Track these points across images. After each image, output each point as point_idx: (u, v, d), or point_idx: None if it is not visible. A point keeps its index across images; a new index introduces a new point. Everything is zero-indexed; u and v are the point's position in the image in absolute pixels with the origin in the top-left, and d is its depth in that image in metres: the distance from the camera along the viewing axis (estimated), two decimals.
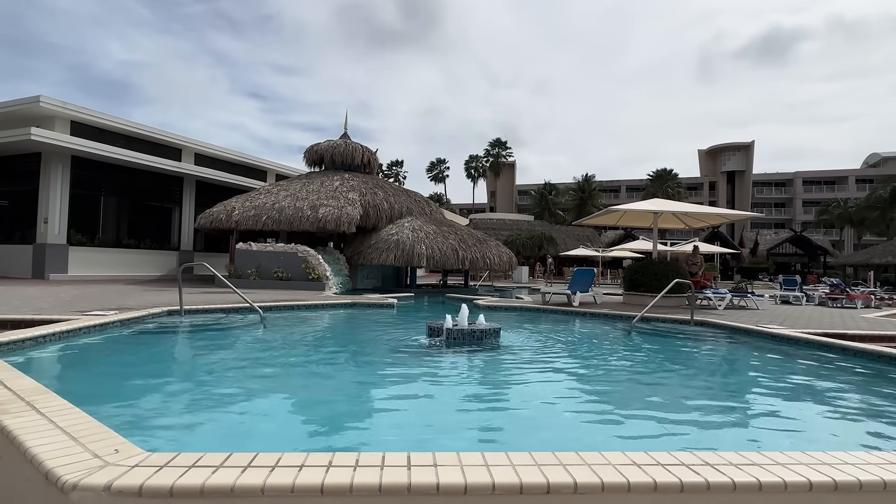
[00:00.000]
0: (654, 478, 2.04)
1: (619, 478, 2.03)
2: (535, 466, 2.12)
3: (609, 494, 2.00)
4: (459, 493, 1.95)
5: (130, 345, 6.60)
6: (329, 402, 4.53)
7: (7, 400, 2.85)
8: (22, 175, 17.22)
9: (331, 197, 17.11)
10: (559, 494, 1.98)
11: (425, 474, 2.00)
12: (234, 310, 9.08)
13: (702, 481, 2.04)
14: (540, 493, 1.97)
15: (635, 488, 2.00)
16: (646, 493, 2.01)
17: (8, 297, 9.76)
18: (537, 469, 2.09)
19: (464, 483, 1.95)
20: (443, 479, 1.96)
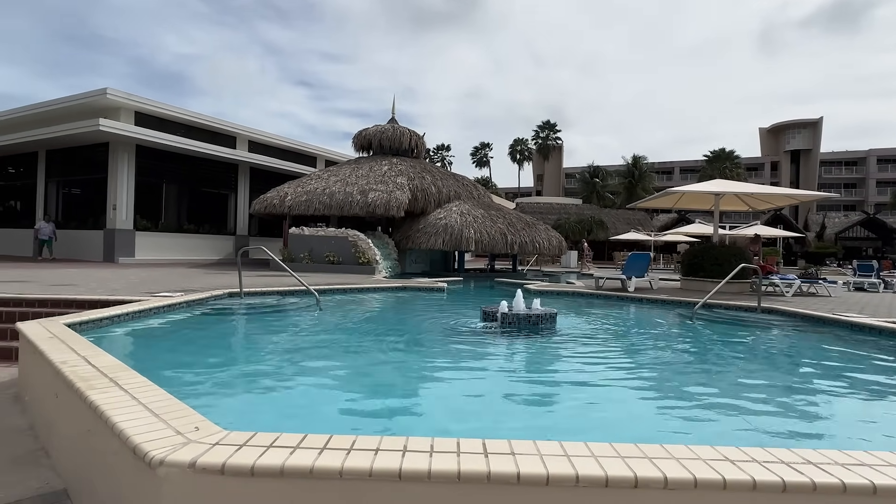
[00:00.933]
0: (753, 475, 1.89)
1: (713, 474, 1.89)
2: (618, 458, 2.01)
3: (703, 491, 1.86)
4: (541, 484, 1.87)
5: (195, 325, 6.86)
6: (386, 385, 4.55)
7: (92, 376, 2.98)
8: (92, 164, 18.22)
9: (379, 181, 17.22)
10: (648, 489, 1.86)
11: (504, 463, 1.92)
12: (289, 292, 9.30)
13: (807, 481, 1.87)
14: (627, 486, 1.87)
15: (731, 486, 1.86)
16: (743, 491, 1.87)
17: (85, 279, 10.38)
18: (621, 461, 1.98)
19: (545, 473, 1.87)
20: (523, 469, 1.88)
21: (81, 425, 2.76)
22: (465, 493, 1.88)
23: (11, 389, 4.88)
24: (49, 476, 3.19)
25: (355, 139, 20.49)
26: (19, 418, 4.15)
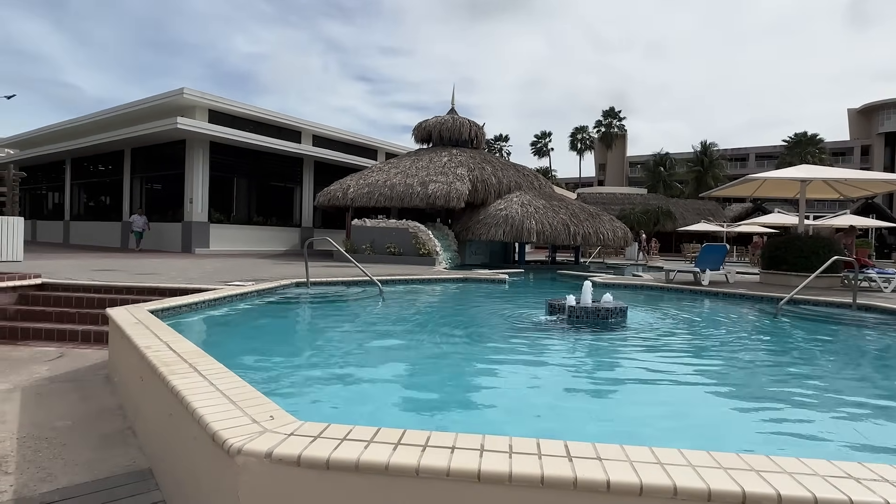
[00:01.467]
0: (887, 499, 1.63)
1: (837, 494, 1.65)
2: (720, 469, 1.80)
3: None
4: (633, 494, 1.71)
5: (265, 313, 7.09)
6: (450, 379, 4.47)
7: (173, 361, 3.08)
8: (172, 160, 19.36)
9: (439, 173, 17.21)
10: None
11: (591, 469, 1.77)
12: (353, 282, 9.45)
13: None
14: (734, 502, 1.67)
15: None
16: None
17: (166, 268, 11.03)
18: (724, 473, 1.77)
19: (639, 483, 1.70)
20: (613, 476, 1.72)
21: (164, 408, 2.85)
22: (548, 500, 1.75)
23: (103, 371, 5.22)
24: (135, 455, 3.34)
25: (415, 131, 20.59)
26: (110, 398, 4.41)
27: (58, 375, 5.06)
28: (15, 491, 2.85)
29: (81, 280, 7.82)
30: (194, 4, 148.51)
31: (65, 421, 3.85)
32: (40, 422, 3.83)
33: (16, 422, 3.81)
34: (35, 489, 2.87)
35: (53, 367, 5.33)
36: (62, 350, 6.08)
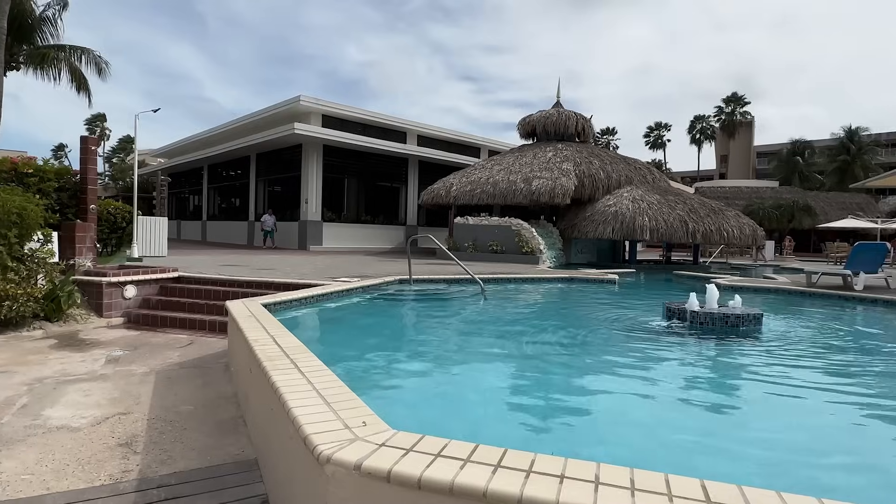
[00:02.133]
0: None
1: None
2: None
3: None
4: None
5: (368, 309, 7.22)
6: (554, 389, 4.13)
7: (276, 356, 3.11)
8: (289, 164, 20.83)
9: (544, 168, 16.67)
10: None
11: None
12: (455, 280, 9.37)
13: None
14: None
15: None
16: None
17: (282, 264, 11.79)
18: None
19: None
20: None
21: (266, 402, 2.88)
22: None
23: (224, 359, 5.58)
24: (244, 445, 3.45)
25: (519, 126, 20.20)
26: (227, 386, 4.68)
27: (186, 362, 5.49)
28: (140, 471, 3.04)
29: (210, 274, 8.55)
30: (312, 18, 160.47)
31: (187, 406, 4.11)
32: (168, 405, 4.13)
33: (148, 403, 4.14)
34: (156, 471, 3.04)
35: (183, 354, 5.81)
36: (192, 338, 6.64)
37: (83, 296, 7.37)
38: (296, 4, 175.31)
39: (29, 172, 7.83)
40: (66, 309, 6.78)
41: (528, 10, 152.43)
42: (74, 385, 4.53)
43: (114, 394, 4.34)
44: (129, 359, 5.53)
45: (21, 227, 6.05)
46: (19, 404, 4.01)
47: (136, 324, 7.36)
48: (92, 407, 4.01)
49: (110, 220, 10.55)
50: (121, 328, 7.13)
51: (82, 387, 4.50)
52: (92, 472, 2.99)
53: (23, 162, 7.93)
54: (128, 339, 6.47)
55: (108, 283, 7.35)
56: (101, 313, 7.37)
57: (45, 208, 7.11)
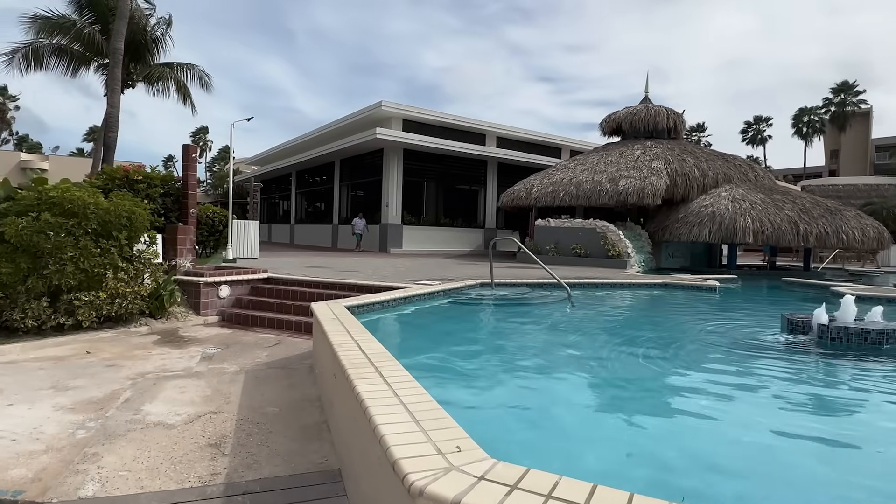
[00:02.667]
0: None
1: None
2: None
3: None
4: None
5: (450, 313, 7.02)
6: (655, 412, 3.67)
7: (360, 363, 2.96)
8: (371, 168, 21.33)
9: (632, 168, 15.76)
10: None
11: None
12: (538, 285, 8.97)
13: None
14: None
15: None
16: None
17: (364, 266, 11.96)
18: None
19: None
20: None
21: (351, 412, 2.72)
22: None
23: (308, 360, 5.61)
24: (328, 452, 3.34)
25: (603, 124, 19.31)
26: (311, 388, 4.65)
27: (273, 362, 5.57)
28: (227, 475, 3.00)
29: (296, 275, 8.77)
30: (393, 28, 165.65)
31: (273, 407, 4.10)
32: (255, 405, 4.14)
33: (237, 403, 4.18)
34: (242, 476, 2.99)
35: (271, 354, 5.92)
36: (280, 338, 6.79)
37: (183, 294, 7.80)
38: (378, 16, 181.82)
39: (138, 179, 8.47)
40: (168, 307, 7.20)
41: (608, 6, 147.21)
42: (172, 381, 4.70)
43: (206, 391, 4.44)
44: (221, 357, 5.71)
45: (130, 229, 6.48)
46: (123, 398, 4.19)
47: (230, 322, 7.67)
48: (186, 404, 4.10)
49: (209, 223, 11.22)
50: (215, 326, 7.46)
51: (179, 383, 4.65)
52: (182, 473, 2.99)
53: (133, 170, 8.60)
54: (221, 338, 6.72)
55: (204, 283, 7.72)
56: (198, 311, 7.76)
57: (152, 212, 7.61)
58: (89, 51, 15.36)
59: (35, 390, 4.33)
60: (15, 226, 5.50)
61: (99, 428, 3.57)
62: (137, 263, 6.65)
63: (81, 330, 6.23)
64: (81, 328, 6.19)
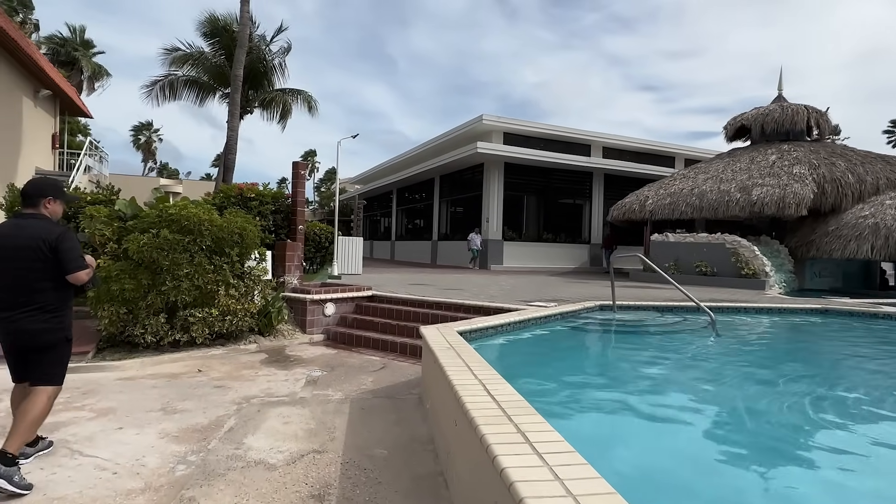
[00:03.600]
0: None
1: None
2: None
3: None
4: None
5: (571, 341, 6.20)
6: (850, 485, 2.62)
7: (494, 417, 2.31)
8: (471, 184, 20.99)
9: (766, 174, 13.83)
10: None
11: None
12: (668, 308, 7.83)
13: None
14: None
15: None
16: None
17: (467, 284, 11.43)
18: None
19: None
20: None
21: (484, 479, 2.08)
22: None
23: (416, 390, 5.09)
24: None
25: (727, 127, 17.34)
26: (421, 426, 4.09)
27: (379, 389, 5.12)
28: None
29: (401, 293, 8.42)
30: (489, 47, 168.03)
31: (382, 449, 3.58)
32: (361, 444, 3.66)
33: (342, 440, 3.73)
34: None
35: (376, 380, 5.49)
36: (384, 361, 6.38)
37: (290, 311, 7.72)
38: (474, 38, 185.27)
39: (251, 196, 8.66)
40: (276, 324, 7.11)
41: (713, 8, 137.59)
42: (276, 409, 4.38)
43: (310, 424, 4.04)
44: (326, 381, 5.37)
45: (242, 245, 6.45)
46: (227, 427, 3.91)
47: (334, 341, 7.45)
48: (289, 439, 3.71)
49: (315, 239, 11.33)
50: (321, 345, 7.25)
51: (283, 412, 4.32)
52: None
53: (247, 188, 8.82)
54: (326, 359, 6.45)
55: (311, 300, 7.59)
56: (304, 329, 7.63)
57: (262, 229, 7.63)
58: (215, 80, 16.68)
59: (145, 412, 4.20)
60: (137, 242, 5.61)
61: (199, 464, 3.25)
62: (248, 280, 6.61)
63: (195, 346, 6.26)
64: (195, 344, 6.21)
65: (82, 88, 33.68)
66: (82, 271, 3.03)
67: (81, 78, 32.80)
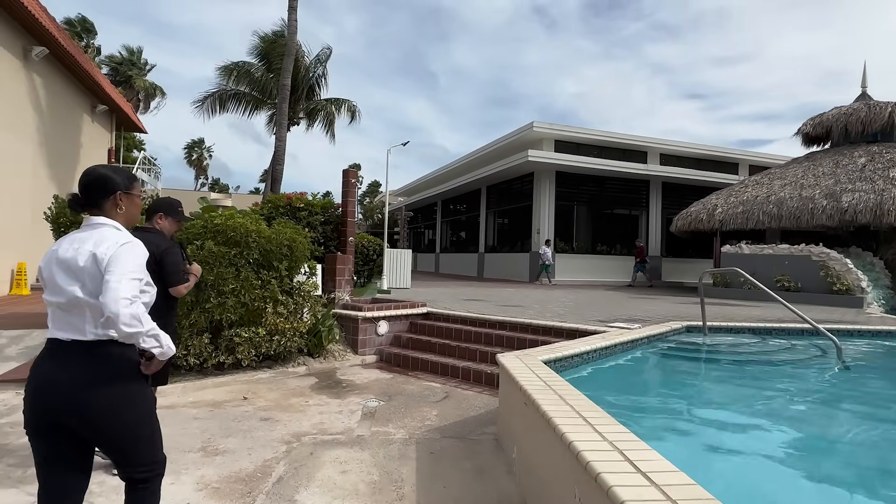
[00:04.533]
0: None
1: None
2: None
3: None
4: None
5: (664, 370, 5.33)
6: None
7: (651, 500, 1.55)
8: (520, 194, 20.20)
9: (856, 179, 12.45)
10: None
11: None
12: (764, 330, 6.80)
13: None
14: None
15: None
16: None
17: (524, 299, 10.62)
18: None
19: None
20: None
21: None
22: None
23: (489, 428, 4.35)
24: None
25: (803, 129, 15.94)
26: (506, 480, 3.34)
27: (446, 427, 4.41)
28: None
29: (457, 311, 7.72)
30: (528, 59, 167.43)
31: None
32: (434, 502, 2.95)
33: (413, 499, 3.03)
34: None
35: (441, 413, 4.77)
36: (446, 388, 5.67)
37: (341, 330, 7.14)
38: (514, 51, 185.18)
39: (300, 207, 8.20)
40: (326, 345, 6.54)
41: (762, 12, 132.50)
42: (331, 452, 3.73)
43: (373, 473, 3.36)
44: (384, 413, 4.70)
45: (291, 259, 5.93)
46: (275, 476, 3.28)
47: (388, 363, 6.80)
48: (350, 496, 3.04)
49: (363, 252, 10.82)
50: (374, 368, 6.61)
51: (339, 455, 3.66)
52: None
53: (296, 197, 8.37)
54: (381, 385, 5.80)
55: (363, 318, 6.98)
56: (356, 349, 7.03)
57: (312, 241, 7.10)
58: (262, 94, 16.65)
59: (184, 452, 3.62)
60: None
61: None
62: (297, 297, 6.06)
63: (240, 369, 5.73)
64: (241, 367, 5.69)
65: (138, 107, 35.04)
66: (182, 285, 3.23)
67: (138, 97, 34.10)
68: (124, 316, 1.64)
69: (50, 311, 1.81)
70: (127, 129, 19.48)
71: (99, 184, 1.90)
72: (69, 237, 1.86)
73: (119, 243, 1.78)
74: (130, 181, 2.00)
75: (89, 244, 1.77)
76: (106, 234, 1.82)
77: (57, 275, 1.77)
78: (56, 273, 1.78)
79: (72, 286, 1.74)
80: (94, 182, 1.90)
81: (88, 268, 1.73)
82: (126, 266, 1.74)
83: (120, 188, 1.93)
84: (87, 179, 1.91)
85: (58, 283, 1.77)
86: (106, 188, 1.90)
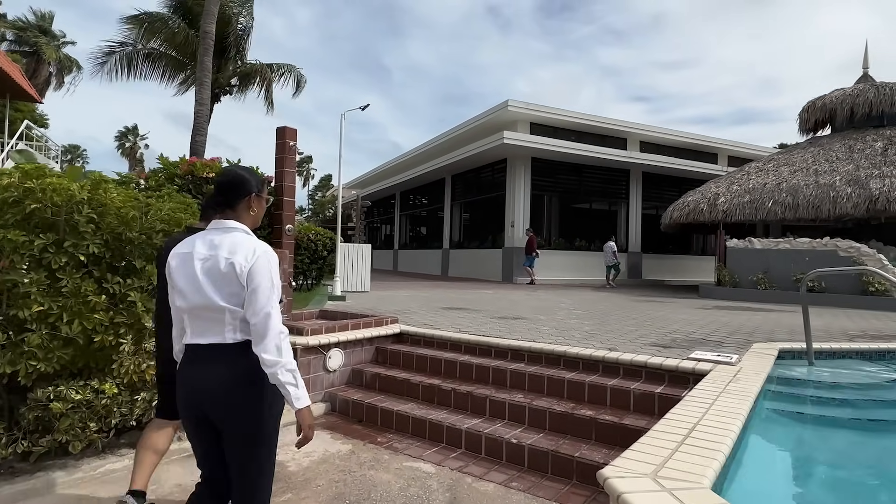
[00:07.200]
0: None
1: None
2: None
3: None
4: None
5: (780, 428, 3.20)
6: None
7: None
8: (490, 184, 18.05)
9: (881, 164, 10.99)
10: None
11: None
12: (890, 352, 4.85)
13: None
14: None
15: None
16: None
17: (519, 307, 8.41)
18: None
19: None
20: None
21: None
22: None
23: None
24: None
25: (803, 114, 14.54)
26: None
27: None
28: None
29: (443, 328, 5.38)
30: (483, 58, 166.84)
31: None
32: None
33: None
34: None
35: None
36: (443, 473, 3.31)
37: None
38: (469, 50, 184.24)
39: (209, 177, 5.61)
40: None
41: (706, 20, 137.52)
42: None
43: None
44: None
45: None
46: None
47: (344, 417, 4.38)
48: None
49: (310, 247, 8.30)
50: (321, 429, 4.15)
51: None
52: None
53: (202, 164, 5.76)
54: (332, 471, 3.37)
55: (304, 346, 4.51)
56: None
57: None
58: (184, 55, 13.59)
59: None
60: None
61: None
62: None
63: (69, 460, 3.16)
64: (68, 454, 3.11)
65: (51, 82, 30.56)
66: None
67: (49, 70, 29.66)
68: (275, 351, 1.68)
69: (185, 317, 1.79)
70: (15, 96, 15.89)
71: (236, 184, 1.87)
72: (202, 238, 1.79)
73: (256, 253, 1.73)
74: (262, 184, 1.94)
75: (224, 250, 1.74)
76: (238, 239, 1.77)
77: (197, 278, 1.72)
78: (196, 276, 1.73)
79: (214, 293, 1.71)
80: (232, 182, 1.87)
81: (228, 274, 1.70)
82: (272, 281, 1.73)
83: (254, 191, 1.89)
84: (225, 179, 1.89)
85: (201, 288, 1.72)
86: (242, 189, 1.87)
